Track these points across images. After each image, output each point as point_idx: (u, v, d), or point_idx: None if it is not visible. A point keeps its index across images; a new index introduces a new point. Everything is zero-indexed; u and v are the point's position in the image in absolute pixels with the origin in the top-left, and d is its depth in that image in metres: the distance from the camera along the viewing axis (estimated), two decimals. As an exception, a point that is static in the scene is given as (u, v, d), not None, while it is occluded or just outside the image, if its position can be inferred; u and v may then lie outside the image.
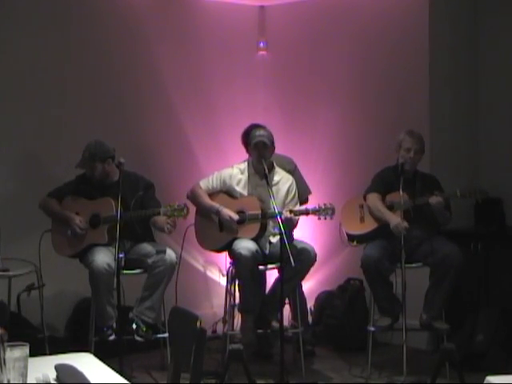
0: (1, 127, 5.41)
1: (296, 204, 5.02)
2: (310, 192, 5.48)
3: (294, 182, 5.13)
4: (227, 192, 5.10)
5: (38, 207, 4.97)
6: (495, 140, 5.91)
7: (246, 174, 5.09)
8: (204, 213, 5.09)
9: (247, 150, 5.16)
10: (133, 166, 5.03)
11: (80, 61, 5.69)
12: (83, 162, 4.89)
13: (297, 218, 4.79)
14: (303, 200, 5.31)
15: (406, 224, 4.73)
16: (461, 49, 5.94)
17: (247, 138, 5.13)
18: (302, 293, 5.50)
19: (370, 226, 5.00)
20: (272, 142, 5.02)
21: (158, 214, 4.73)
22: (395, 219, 4.80)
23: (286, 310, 5.20)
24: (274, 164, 5.13)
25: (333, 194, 5.83)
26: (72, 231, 4.86)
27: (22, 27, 5.47)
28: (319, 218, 4.73)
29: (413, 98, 5.84)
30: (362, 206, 5.07)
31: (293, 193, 5.07)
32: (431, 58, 5.73)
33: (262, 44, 6.63)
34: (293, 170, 5.34)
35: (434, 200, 4.78)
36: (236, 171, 5.12)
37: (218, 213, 4.99)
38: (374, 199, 5.00)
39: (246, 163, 5.13)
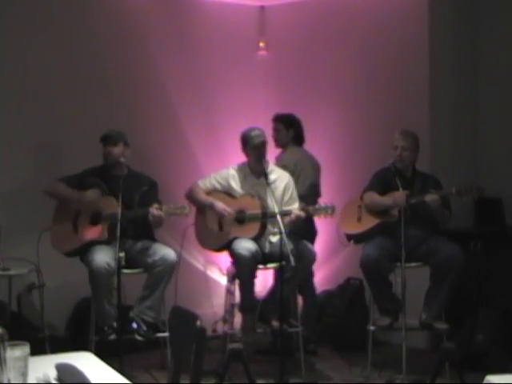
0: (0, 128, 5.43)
1: (295, 202, 5.03)
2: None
3: (292, 180, 5.13)
4: (226, 192, 5.10)
5: (44, 192, 4.91)
6: (495, 140, 5.91)
7: (243, 174, 5.09)
8: (203, 211, 5.09)
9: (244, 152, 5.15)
10: (133, 165, 5.04)
11: (81, 62, 5.69)
12: (109, 138, 4.89)
13: (303, 215, 4.80)
14: None
15: (404, 196, 4.76)
16: (461, 49, 5.94)
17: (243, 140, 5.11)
18: (314, 292, 5.63)
19: (366, 224, 5.01)
20: None
21: (148, 213, 4.73)
22: (393, 197, 4.83)
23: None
24: (270, 163, 5.14)
25: (333, 194, 5.83)
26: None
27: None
28: (319, 216, 4.76)
29: (413, 98, 5.84)
30: (360, 207, 5.08)
31: (290, 190, 5.07)
32: (431, 57, 5.74)
33: (261, 44, 6.64)
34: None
35: (430, 198, 4.77)
36: (232, 172, 5.12)
37: (212, 207, 5.00)
38: (370, 196, 5.02)
39: (242, 165, 5.14)
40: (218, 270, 6.19)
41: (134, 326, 4.74)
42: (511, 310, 5.23)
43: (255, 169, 5.05)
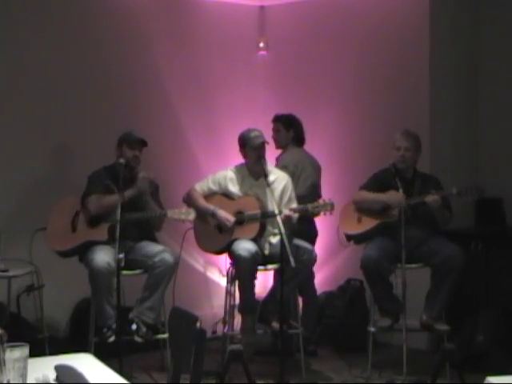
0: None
1: (293, 203, 5.01)
2: None
3: (290, 181, 5.12)
4: (224, 194, 5.09)
5: (91, 212, 4.85)
6: (495, 140, 5.91)
7: (241, 176, 5.08)
8: (202, 215, 5.08)
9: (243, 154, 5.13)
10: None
11: (80, 62, 5.68)
12: (142, 143, 4.88)
13: (296, 216, 4.78)
14: None
15: (402, 198, 4.75)
16: (461, 49, 5.94)
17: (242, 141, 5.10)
18: (315, 293, 5.62)
19: (367, 225, 5.01)
20: None
21: (165, 216, 4.77)
22: (390, 196, 4.83)
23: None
24: (268, 164, 5.13)
25: (333, 195, 5.82)
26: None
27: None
28: (319, 214, 4.76)
29: (413, 98, 5.83)
30: None
31: (289, 191, 5.06)
32: (432, 57, 5.73)
33: (261, 44, 6.63)
34: None
35: (430, 198, 4.76)
36: (230, 173, 5.11)
37: (213, 215, 4.99)
38: (361, 193, 5.02)
39: (239, 166, 5.13)
40: (217, 271, 6.19)
41: (134, 327, 4.73)
42: (511, 310, 5.22)
43: (254, 170, 5.03)
